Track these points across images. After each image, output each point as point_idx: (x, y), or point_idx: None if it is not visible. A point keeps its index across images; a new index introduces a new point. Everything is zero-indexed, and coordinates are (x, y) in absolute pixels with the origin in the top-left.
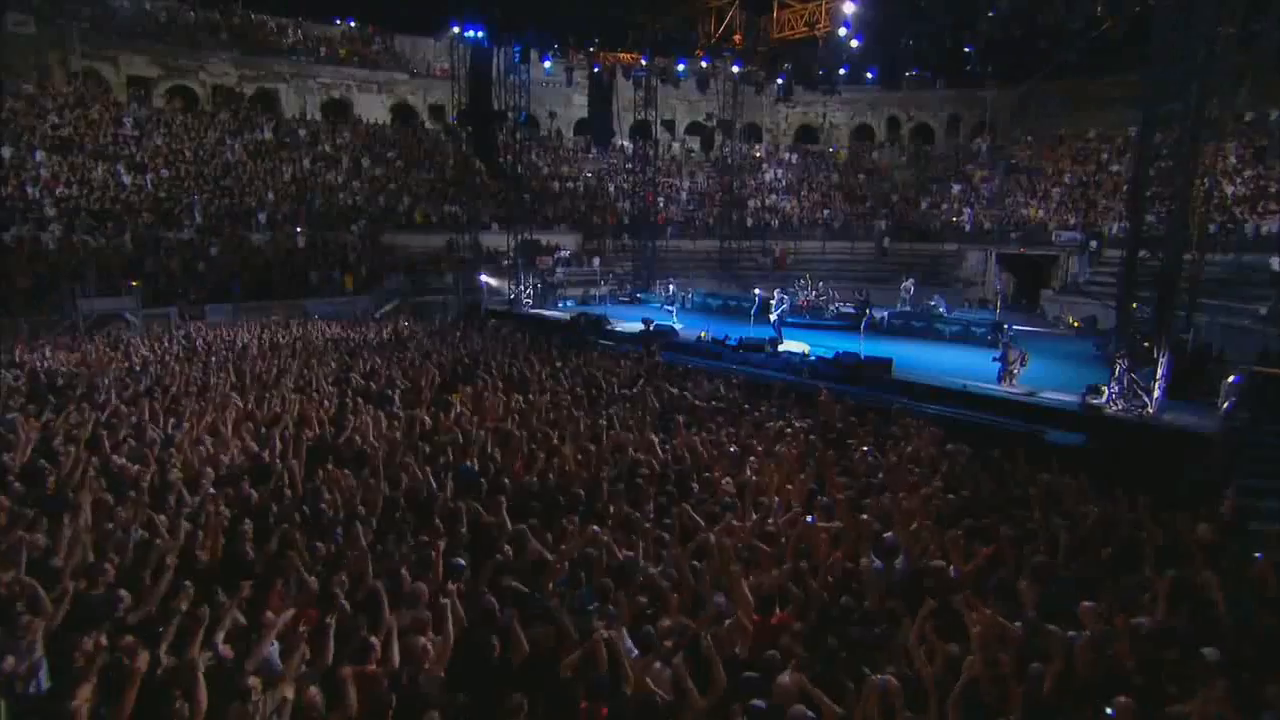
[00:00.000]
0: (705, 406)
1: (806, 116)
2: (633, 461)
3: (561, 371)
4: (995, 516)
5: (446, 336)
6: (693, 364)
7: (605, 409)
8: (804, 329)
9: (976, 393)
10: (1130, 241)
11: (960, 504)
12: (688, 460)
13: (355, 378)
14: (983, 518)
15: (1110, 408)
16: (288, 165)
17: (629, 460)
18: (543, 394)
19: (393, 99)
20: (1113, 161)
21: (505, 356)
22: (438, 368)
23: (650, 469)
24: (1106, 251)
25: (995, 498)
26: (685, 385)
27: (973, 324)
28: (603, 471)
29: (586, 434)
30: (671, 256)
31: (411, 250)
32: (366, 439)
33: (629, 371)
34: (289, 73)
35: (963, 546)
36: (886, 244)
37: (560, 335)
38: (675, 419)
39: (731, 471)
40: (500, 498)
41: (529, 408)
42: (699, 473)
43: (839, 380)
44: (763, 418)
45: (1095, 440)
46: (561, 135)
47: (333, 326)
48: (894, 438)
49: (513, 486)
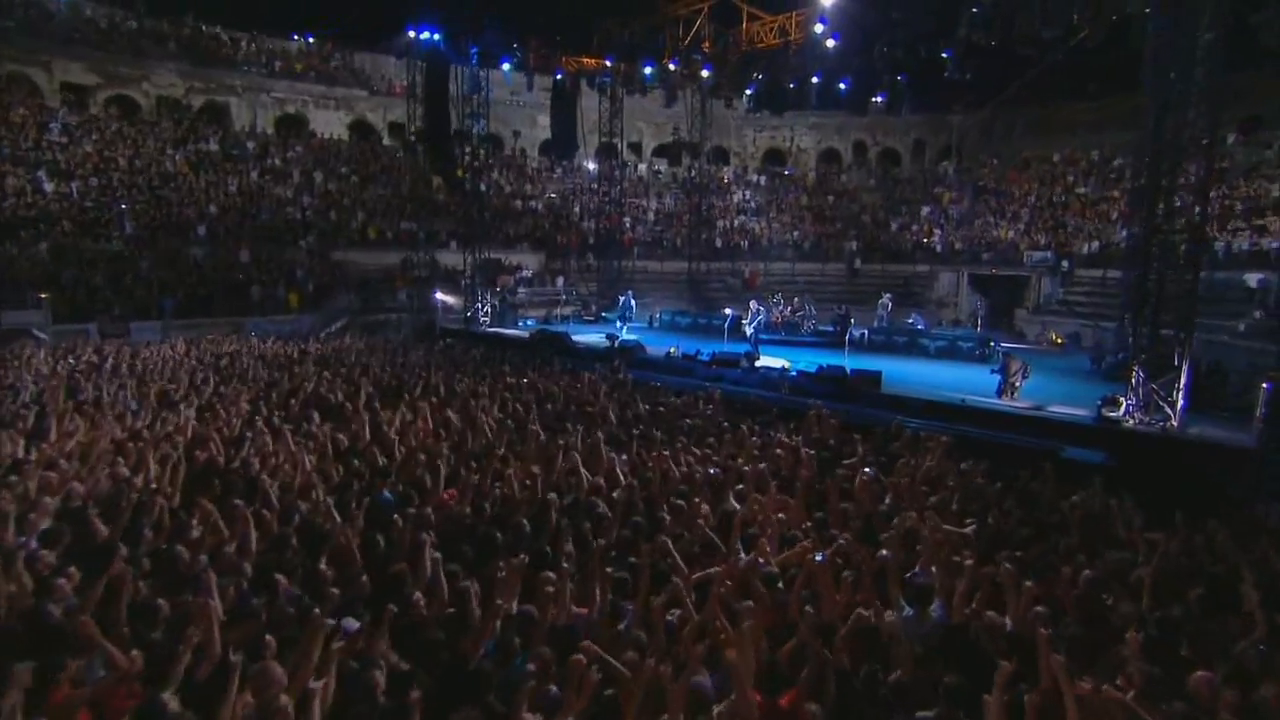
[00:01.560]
0: (678, 424)
1: (774, 140)
2: (591, 488)
3: (514, 388)
4: (1039, 548)
5: (390, 353)
6: (662, 381)
7: (561, 427)
8: (780, 345)
9: (978, 408)
10: (1142, 260)
11: (990, 534)
12: (658, 486)
13: (275, 395)
14: (1018, 550)
15: (1129, 421)
16: (234, 178)
17: (587, 486)
18: (489, 412)
19: (351, 116)
20: (1079, 183)
21: (450, 372)
22: (374, 384)
23: (612, 496)
24: (1078, 272)
25: (1028, 525)
26: (655, 402)
27: (959, 339)
28: (553, 500)
29: (537, 455)
30: (639, 277)
31: (364, 267)
32: (267, 463)
33: (590, 388)
34: (241, 86)
35: (1017, 588)
36: (858, 265)
37: (518, 353)
38: (644, 438)
39: (712, 498)
40: (421, 534)
41: (471, 426)
42: (672, 500)
43: (824, 396)
44: (744, 435)
45: (1118, 456)
46: (526, 154)
47: (269, 343)
48: (897, 456)
49: (439, 519)
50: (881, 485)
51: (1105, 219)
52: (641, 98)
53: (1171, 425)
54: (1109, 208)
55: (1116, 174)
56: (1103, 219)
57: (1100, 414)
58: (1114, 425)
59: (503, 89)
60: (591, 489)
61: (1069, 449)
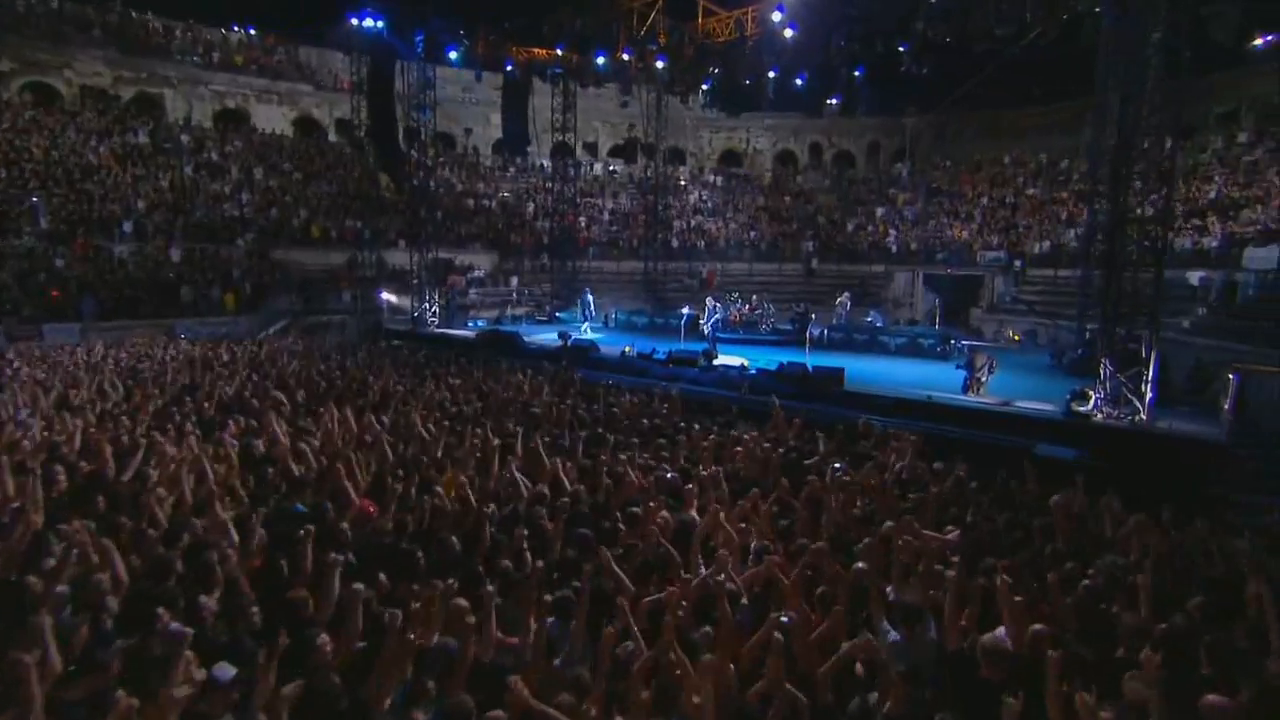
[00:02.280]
0: (632, 426)
1: (730, 141)
2: (532, 497)
3: (455, 390)
4: (1026, 553)
5: (327, 355)
6: (616, 381)
7: (503, 431)
8: (738, 344)
9: (945, 404)
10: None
11: (974, 540)
12: (608, 493)
13: (191, 400)
14: (1004, 556)
15: (1098, 415)
16: (165, 172)
17: (527, 495)
18: (425, 415)
19: (296, 112)
20: (1028, 185)
21: (389, 374)
22: (304, 388)
23: (556, 506)
24: (1030, 271)
25: (1012, 529)
26: (608, 403)
27: (920, 336)
28: (488, 512)
29: (473, 462)
30: (594, 278)
31: (307, 267)
32: (164, 475)
33: (538, 388)
34: (175, 77)
35: (1015, 603)
36: (814, 265)
37: (464, 354)
38: (593, 441)
39: (670, 504)
40: (331, 554)
41: (405, 431)
42: (625, 508)
43: (785, 395)
44: (702, 436)
45: (1091, 452)
46: (478, 153)
47: (197, 347)
48: (865, 455)
49: (357, 535)
50: (854, 485)
51: (1055, 220)
52: (596, 94)
53: (1140, 418)
54: (1058, 209)
55: (1064, 176)
56: (1052, 220)
57: (1070, 409)
58: (1084, 420)
59: (454, 86)
60: (533, 498)
61: (1041, 446)
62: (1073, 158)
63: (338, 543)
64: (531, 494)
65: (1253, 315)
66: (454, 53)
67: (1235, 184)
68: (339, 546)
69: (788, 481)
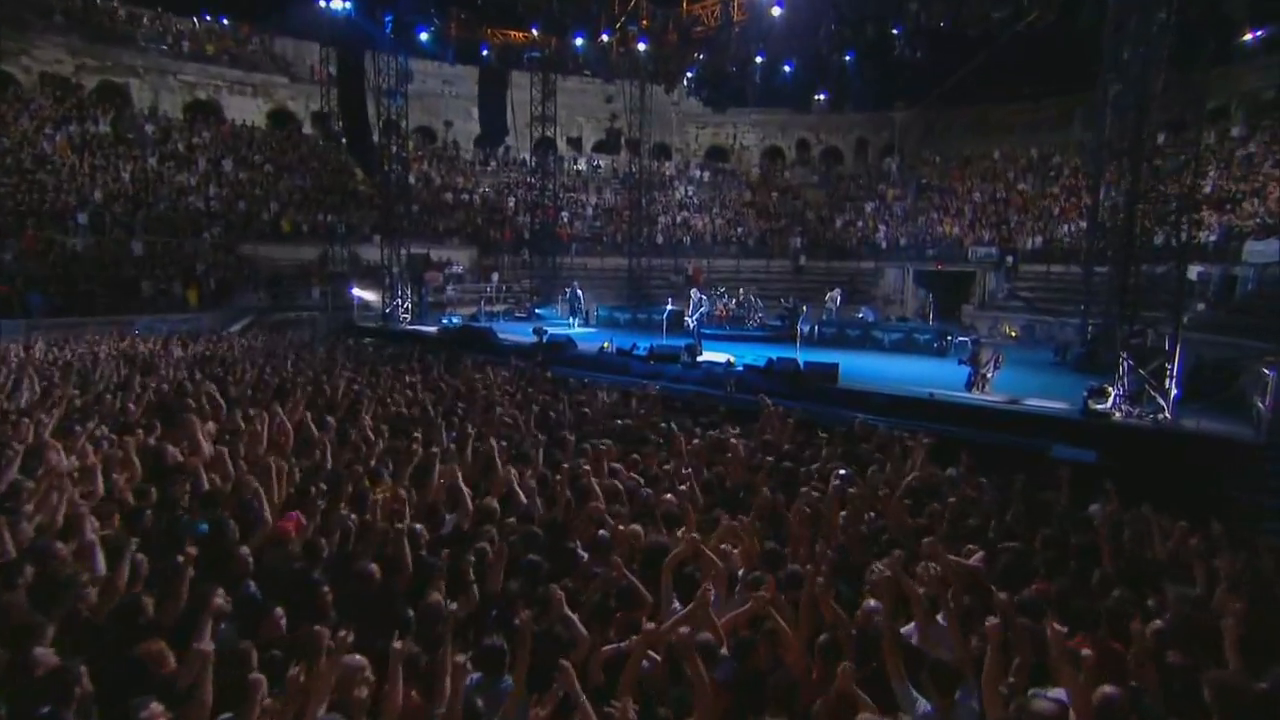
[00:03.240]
0: (605, 427)
1: (717, 137)
2: (480, 510)
3: (411, 389)
4: (1068, 581)
5: (284, 352)
6: (593, 379)
7: (457, 433)
8: (724, 340)
9: (949, 403)
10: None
11: (1007, 566)
12: (569, 505)
13: (118, 400)
14: (1042, 585)
15: (1117, 414)
16: (127, 163)
17: (473, 511)
18: (371, 416)
19: (270, 104)
20: (1019, 181)
21: (346, 372)
22: (252, 388)
23: (505, 524)
24: (1023, 266)
25: (1049, 549)
26: (579, 402)
27: (915, 331)
28: (422, 533)
29: (414, 470)
30: (577, 274)
31: (277, 262)
32: (42, 487)
33: (503, 387)
34: (143, 66)
35: (1075, 656)
36: (803, 261)
37: (436, 350)
38: (556, 445)
39: (641, 522)
40: (215, 588)
41: (349, 432)
42: (588, 527)
43: (774, 393)
44: (683, 440)
45: (1113, 454)
46: (458, 146)
47: (147, 343)
48: (867, 460)
49: (262, 560)
50: (861, 498)
51: (1047, 215)
52: (581, 89)
53: (1165, 417)
54: (1050, 204)
55: (1055, 171)
56: (1044, 215)
57: (1087, 407)
58: (1103, 419)
59: (435, 79)
60: (479, 515)
61: (1057, 447)
62: (1063, 153)
63: (233, 572)
64: (478, 509)
65: (1254, 310)
66: (425, 34)
67: (1230, 178)
68: (234, 578)
69: (782, 493)
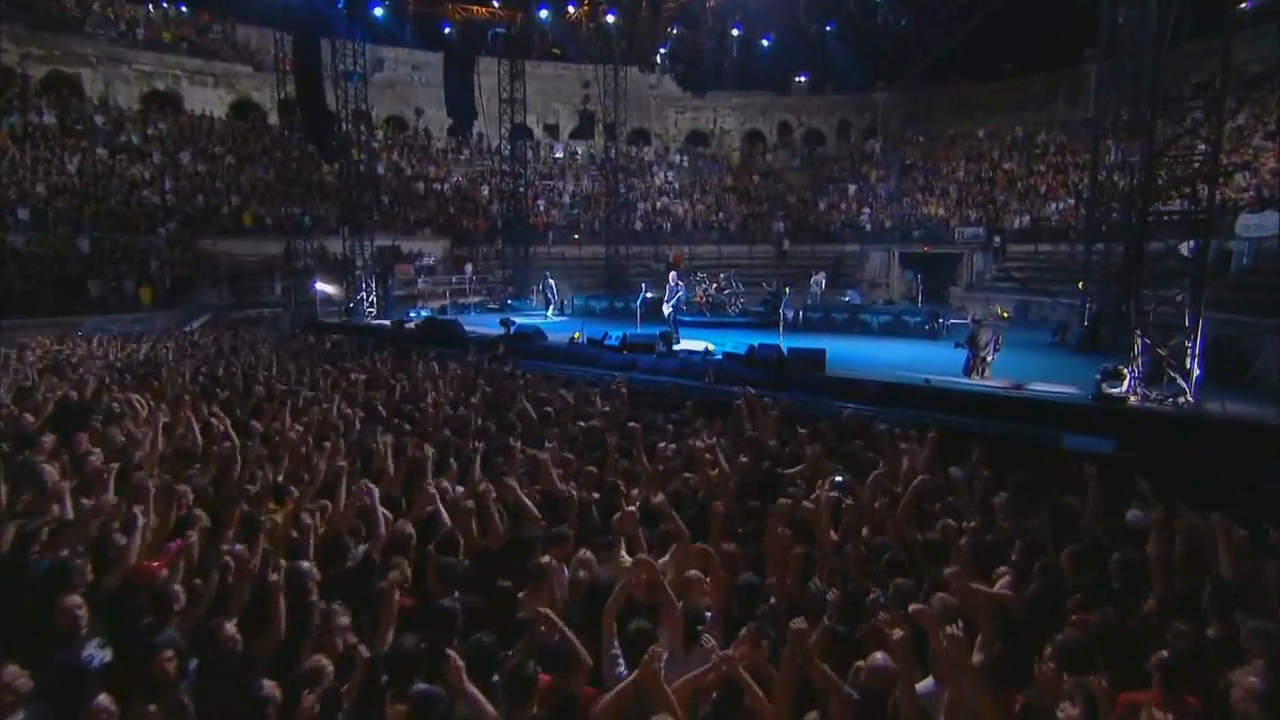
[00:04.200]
0: (561, 428)
1: (696, 122)
2: (391, 540)
3: (352, 387)
4: (1112, 614)
5: (226, 352)
6: (562, 372)
7: (383, 439)
8: (704, 327)
9: (947, 389)
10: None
11: (1040, 594)
12: (502, 531)
13: (10, 409)
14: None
15: (1133, 398)
16: (74, 155)
17: (384, 539)
18: (303, 420)
19: (234, 95)
20: (1005, 160)
21: (282, 369)
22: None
23: (421, 553)
24: (1010, 247)
25: (1084, 568)
26: (539, 399)
27: (904, 313)
28: (327, 563)
29: (320, 484)
30: (554, 264)
31: (238, 258)
32: None
33: (453, 384)
34: (94, 55)
35: None
36: (786, 245)
37: (399, 345)
38: (499, 451)
39: (595, 548)
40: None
41: (244, 441)
42: (521, 558)
43: (757, 382)
44: (644, 442)
45: (1132, 443)
46: (429, 135)
47: (77, 346)
48: (862, 460)
49: (110, 613)
50: (857, 511)
51: (1034, 194)
52: (558, 75)
53: (1187, 400)
54: (1037, 182)
55: (1041, 149)
56: (1031, 194)
57: (1100, 391)
58: (1118, 404)
59: (405, 66)
60: (392, 542)
61: (1069, 437)
62: (1048, 130)
63: (60, 632)
64: (392, 536)
65: (1251, 285)
66: (379, 9)
67: (1221, 151)
68: (59, 639)
69: (764, 505)
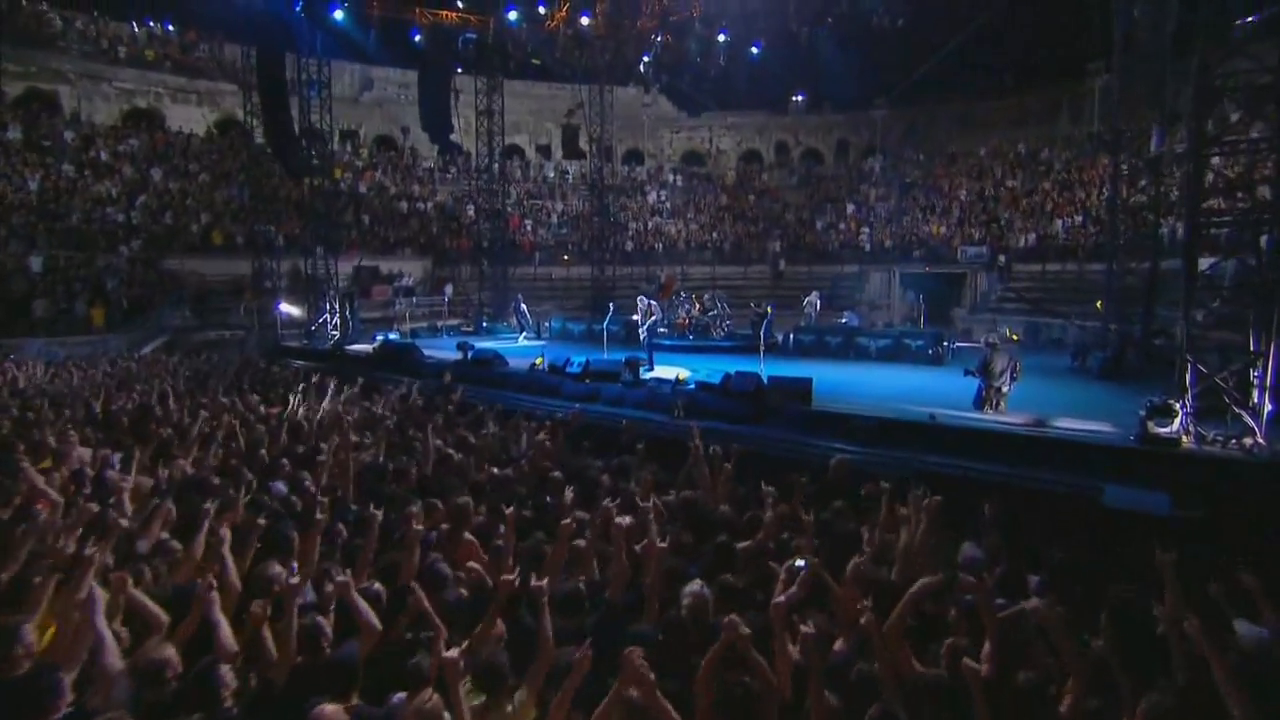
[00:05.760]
0: (470, 476)
1: (692, 142)
2: (143, 667)
3: (249, 425)
4: None
5: (142, 378)
6: (515, 403)
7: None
8: (686, 353)
9: (954, 427)
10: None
11: None
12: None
13: None
14: None
15: (1187, 438)
16: (36, 171)
17: (140, 669)
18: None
19: (218, 113)
20: (1008, 177)
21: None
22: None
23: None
24: (1016, 266)
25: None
26: (459, 437)
27: (905, 336)
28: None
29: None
30: (541, 285)
31: (206, 278)
32: None
33: (361, 419)
34: (73, 72)
35: None
36: (782, 266)
37: (337, 374)
38: (357, 525)
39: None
40: None
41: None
42: (393, 669)
43: (731, 418)
44: (567, 506)
45: (1196, 502)
46: (416, 153)
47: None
48: (842, 532)
49: None
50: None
51: (1039, 212)
52: (549, 89)
53: (1257, 443)
54: (1043, 199)
55: (1045, 166)
56: (1037, 211)
57: (1146, 431)
58: (1169, 447)
59: (393, 85)
60: (143, 671)
61: (1111, 489)
62: (1052, 146)
63: None
64: (147, 663)
65: None
66: (339, 11)
67: (1236, 165)
68: None
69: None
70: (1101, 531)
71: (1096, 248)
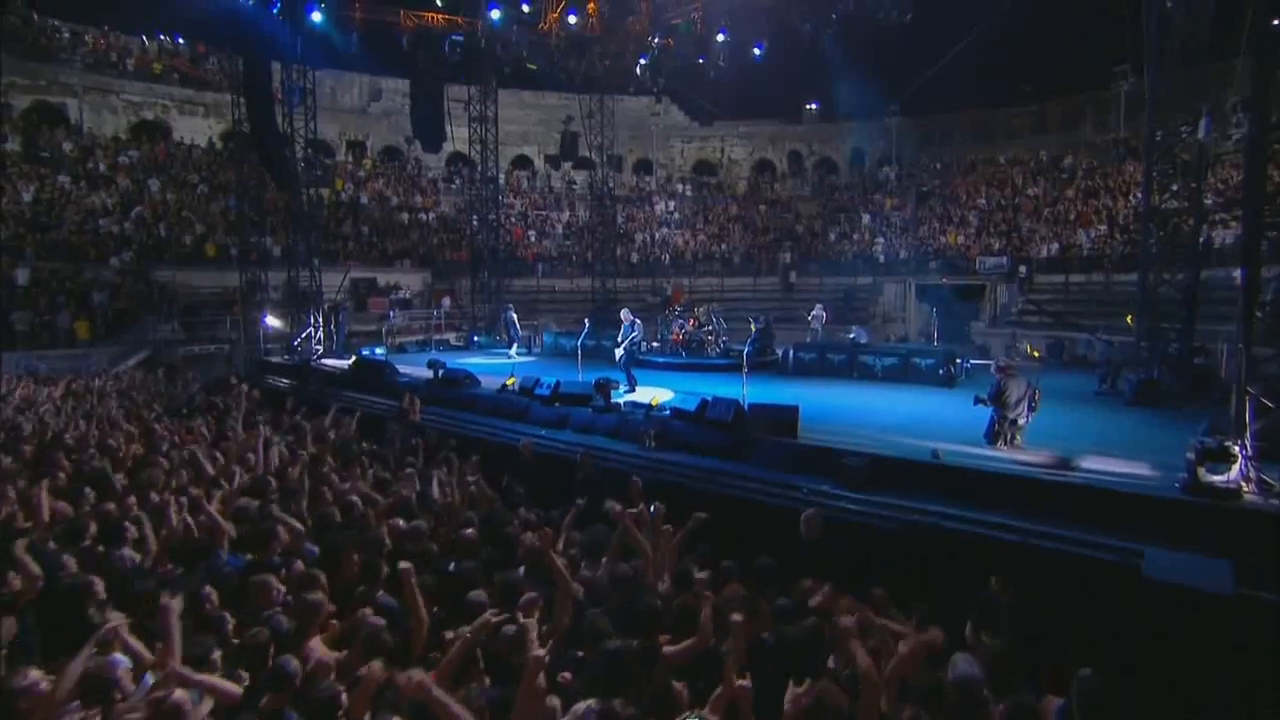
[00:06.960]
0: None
1: (703, 151)
2: None
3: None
4: None
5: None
6: (477, 428)
7: None
8: (676, 371)
9: (960, 467)
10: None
11: None
12: None
13: None
14: None
15: (1248, 488)
16: (30, 183)
17: None
18: None
19: (224, 124)
20: (1029, 185)
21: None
22: None
23: None
24: (1037, 277)
25: None
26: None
27: (914, 354)
28: None
29: None
30: (544, 298)
31: (197, 290)
32: None
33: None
34: (81, 86)
35: None
36: (793, 278)
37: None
38: (144, 601)
39: None
40: None
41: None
42: None
43: (706, 450)
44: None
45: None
46: (421, 164)
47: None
48: (807, 646)
49: None
50: None
51: (1064, 221)
52: (559, 99)
53: None
54: (1066, 208)
55: (1068, 174)
56: (1060, 221)
57: (1196, 479)
58: (1227, 500)
59: (399, 96)
60: None
61: (1151, 553)
62: (1074, 153)
63: None
64: None
65: None
66: (316, 13)
67: (1273, 170)
68: None
69: None
70: (1140, 614)
71: (1124, 257)
